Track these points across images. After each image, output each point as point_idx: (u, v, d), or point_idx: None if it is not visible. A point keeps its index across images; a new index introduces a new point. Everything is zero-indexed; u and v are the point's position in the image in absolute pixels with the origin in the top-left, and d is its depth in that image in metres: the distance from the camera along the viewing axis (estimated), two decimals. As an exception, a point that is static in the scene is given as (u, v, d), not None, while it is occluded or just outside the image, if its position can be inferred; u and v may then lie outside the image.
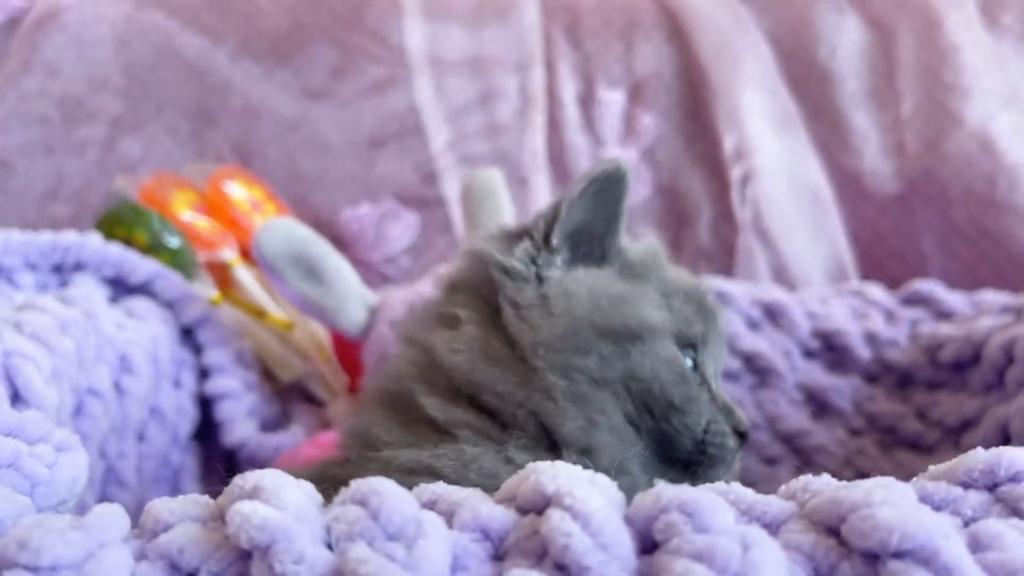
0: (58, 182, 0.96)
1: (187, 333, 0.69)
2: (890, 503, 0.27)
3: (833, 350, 0.73)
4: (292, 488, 0.29)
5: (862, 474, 0.53)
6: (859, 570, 0.27)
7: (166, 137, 0.99)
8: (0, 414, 0.37)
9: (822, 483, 0.31)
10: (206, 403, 0.68)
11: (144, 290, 0.68)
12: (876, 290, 0.76)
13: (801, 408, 0.72)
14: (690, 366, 0.47)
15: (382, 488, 0.28)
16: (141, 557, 0.28)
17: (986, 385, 0.62)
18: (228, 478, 0.30)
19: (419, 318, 0.51)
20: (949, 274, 0.89)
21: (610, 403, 0.44)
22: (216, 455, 0.68)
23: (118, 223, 0.77)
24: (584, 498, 0.28)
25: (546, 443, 0.43)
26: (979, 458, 0.31)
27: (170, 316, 0.68)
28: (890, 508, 0.27)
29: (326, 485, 0.31)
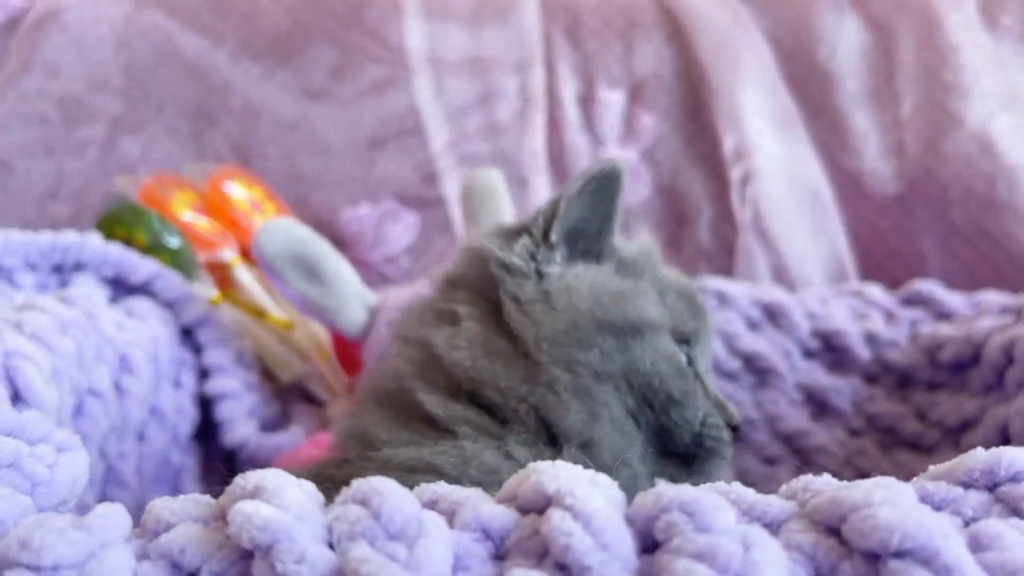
0: (58, 182, 0.96)
1: (187, 333, 0.69)
2: (890, 503, 0.27)
3: (833, 350, 0.73)
4: (294, 488, 0.29)
5: (862, 474, 0.53)
6: (860, 570, 0.27)
7: (166, 137, 0.99)
8: (1, 414, 0.37)
9: (823, 483, 0.31)
10: (206, 403, 0.68)
11: (144, 290, 0.68)
12: (876, 290, 0.76)
13: (801, 408, 0.72)
14: (685, 361, 0.47)
15: (383, 488, 0.28)
16: (143, 557, 0.28)
17: (986, 386, 0.62)
18: (229, 478, 0.30)
19: (415, 316, 0.51)
20: (949, 274, 0.89)
21: (612, 397, 0.44)
22: (216, 455, 0.68)
23: (118, 223, 0.77)
24: (585, 498, 0.28)
25: (545, 437, 0.44)
26: (979, 458, 0.31)
27: (170, 316, 0.68)
28: (890, 508, 0.27)
29: (326, 485, 0.31)
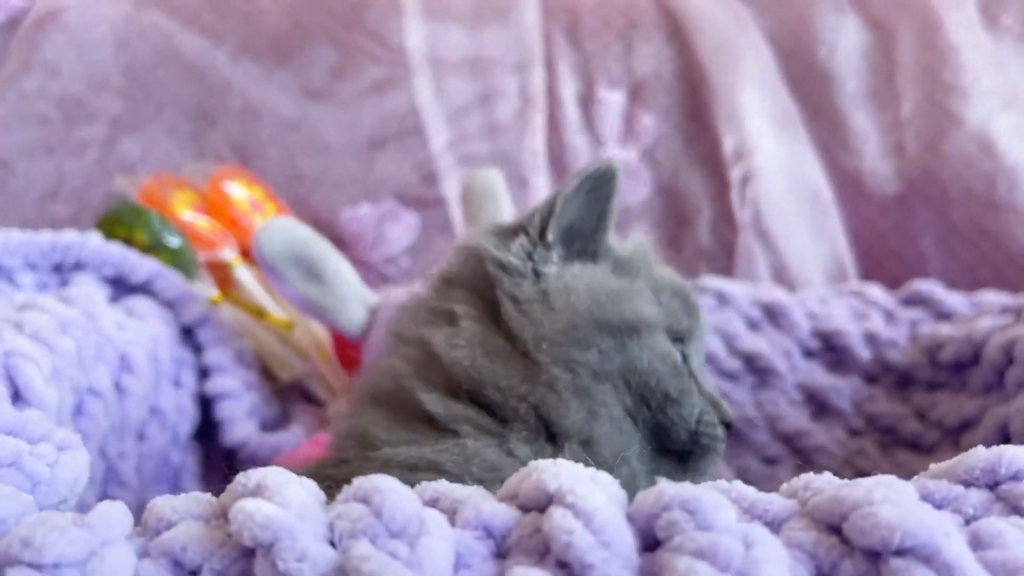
0: (58, 182, 0.96)
1: (187, 333, 0.69)
2: (891, 501, 0.27)
3: (833, 350, 0.73)
4: (295, 486, 0.29)
5: (862, 474, 0.52)
6: (861, 568, 0.27)
7: (166, 137, 0.99)
8: (1, 413, 0.37)
9: (823, 481, 0.31)
10: (206, 403, 0.68)
11: (144, 290, 0.68)
12: (876, 290, 0.76)
13: (801, 408, 0.72)
14: (680, 359, 0.48)
15: (384, 486, 0.28)
16: (144, 555, 0.28)
17: (986, 385, 0.62)
18: (230, 476, 0.30)
19: (411, 315, 0.51)
20: (949, 274, 0.89)
21: (610, 395, 0.45)
22: (216, 455, 0.68)
23: (118, 223, 0.77)
24: (586, 496, 0.28)
25: (545, 436, 0.44)
26: (980, 456, 0.31)
27: (170, 316, 0.68)
28: (891, 506, 0.27)
29: (326, 484, 0.31)
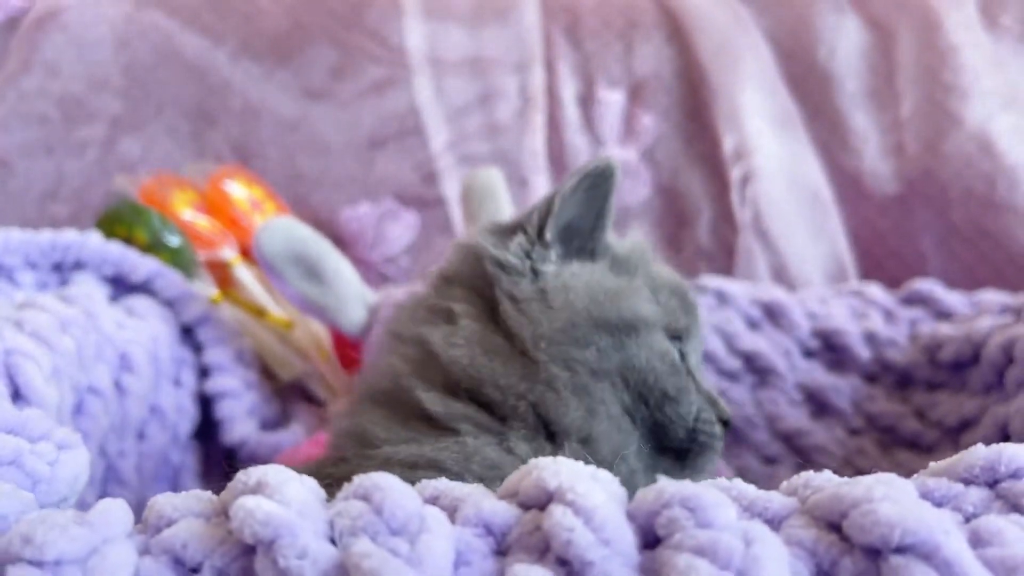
0: (58, 182, 0.96)
1: (187, 332, 0.69)
2: (891, 499, 0.27)
3: (833, 350, 0.73)
4: (295, 484, 0.29)
5: (861, 473, 0.52)
6: (860, 565, 0.27)
7: (166, 137, 0.99)
8: (1, 412, 0.37)
9: (823, 479, 0.31)
10: (206, 402, 0.68)
11: (144, 289, 0.68)
12: (876, 290, 0.76)
13: (801, 408, 0.72)
14: (678, 358, 0.48)
15: (385, 483, 0.28)
16: (144, 552, 0.28)
17: (985, 385, 0.62)
18: (230, 474, 0.30)
19: (409, 313, 0.51)
20: (949, 274, 0.89)
21: (608, 393, 0.45)
22: (216, 454, 0.68)
23: (118, 222, 0.77)
24: (586, 494, 0.28)
25: (544, 434, 0.44)
26: (980, 454, 0.31)
27: (170, 315, 0.68)
28: (891, 504, 0.27)
29: (326, 482, 0.31)
